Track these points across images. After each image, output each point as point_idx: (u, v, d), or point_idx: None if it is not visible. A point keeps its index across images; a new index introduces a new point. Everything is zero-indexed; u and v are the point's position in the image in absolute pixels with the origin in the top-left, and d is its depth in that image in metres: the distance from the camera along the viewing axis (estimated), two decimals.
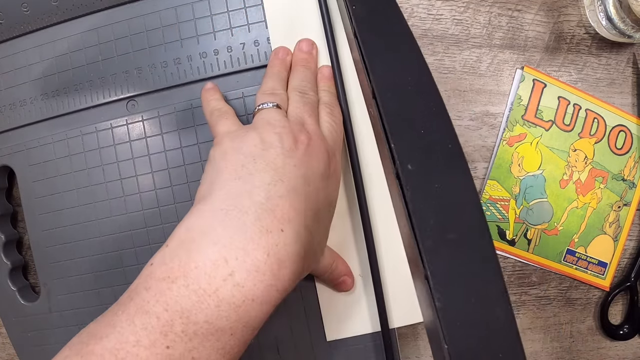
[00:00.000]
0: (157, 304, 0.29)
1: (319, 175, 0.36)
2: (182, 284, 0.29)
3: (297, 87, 0.41)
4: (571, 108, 0.47)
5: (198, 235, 0.31)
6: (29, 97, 0.46)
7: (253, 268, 0.30)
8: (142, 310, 0.28)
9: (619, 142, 0.48)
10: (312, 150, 0.36)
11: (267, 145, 0.34)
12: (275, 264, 0.31)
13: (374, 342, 0.45)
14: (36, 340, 0.47)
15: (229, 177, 0.33)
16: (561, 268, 0.48)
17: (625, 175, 0.48)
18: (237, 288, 0.30)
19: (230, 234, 0.31)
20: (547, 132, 0.47)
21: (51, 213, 0.46)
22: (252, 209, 0.32)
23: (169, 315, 0.28)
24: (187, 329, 0.28)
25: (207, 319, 0.29)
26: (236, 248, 0.30)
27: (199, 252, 0.30)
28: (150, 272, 0.30)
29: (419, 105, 0.28)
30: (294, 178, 0.34)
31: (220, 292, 0.29)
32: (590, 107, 0.47)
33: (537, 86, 0.47)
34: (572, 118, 0.47)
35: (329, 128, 0.39)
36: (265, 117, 0.37)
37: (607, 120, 0.48)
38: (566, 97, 0.47)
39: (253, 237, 0.31)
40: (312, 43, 0.43)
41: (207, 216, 0.32)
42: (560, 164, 0.47)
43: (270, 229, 0.32)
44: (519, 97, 0.47)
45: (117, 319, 0.29)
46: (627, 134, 0.48)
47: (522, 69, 0.47)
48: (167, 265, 0.30)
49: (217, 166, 0.34)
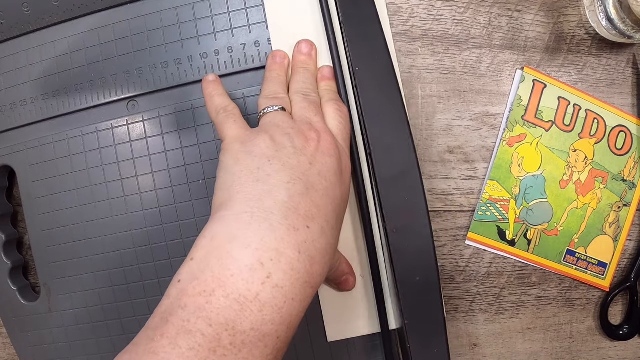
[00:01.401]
0: (198, 321, 0.27)
1: (332, 171, 0.35)
2: (222, 295, 0.28)
3: (299, 89, 0.41)
4: (571, 108, 0.47)
5: (226, 242, 0.30)
6: (30, 97, 0.46)
7: (288, 267, 0.30)
8: (185, 330, 0.27)
9: (619, 142, 0.48)
10: (324, 147, 0.36)
11: (279, 146, 0.34)
12: (307, 261, 0.31)
13: (373, 343, 0.45)
14: (36, 339, 0.47)
15: (246, 180, 0.33)
16: (561, 268, 0.48)
17: (625, 176, 0.48)
18: (277, 289, 0.29)
19: (260, 236, 0.30)
20: (547, 132, 0.47)
21: (51, 213, 0.46)
22: (276, 208, 0.31)
23: (214, 330, 0.27)
24: (234, 340, 0.27)
25: (253, 326, 0.28)
26: (269, 249, 0.30)
27: (232, 259, 0.29)
28: (182, 290, 0.29)
29: None
30: (311, 175, 0.34)
31: (262, 296, 0.29)
32: (591, 107, 0.47)
33: (537, 87, 0.47)
34: (572, 118, 0.47)
35: (337, 125, 0.39)
36: (272, 120, 0.37)
37: (607, 120, 0.48)
38: (566, 97, 0.47)
39: (283, 236, 0.31)
40: (311, 44, 0.43)
41: (232, 221, 0.31)
42: (560, 164, 0.47)
43: (297, 226, 0.31)
44: (519, 97, 0.47)
45: (156, 345, 0.27)
46: (627, 134, 0.48)
47: (522, 70, 0.47)
48: (200, 279, 0.29)
49: (232, 171, 0.34)
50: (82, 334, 0.46)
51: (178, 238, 0.45)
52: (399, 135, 0.39)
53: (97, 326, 0.46)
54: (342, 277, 0.42)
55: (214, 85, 0.41)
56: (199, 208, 0.45)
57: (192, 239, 0.44)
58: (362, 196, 0.43)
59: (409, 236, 0.38)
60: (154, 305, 0.44)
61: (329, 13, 0.43)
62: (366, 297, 0.44)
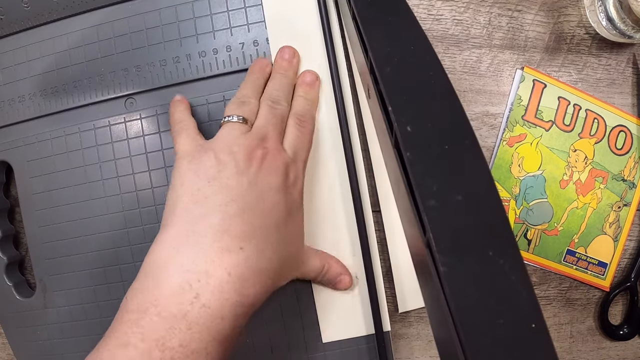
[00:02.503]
0: (133, 336, 0.30)
1: (274, 189, 0.36)
2: (154, 313, 0.31)
3: (270, 96, 0.41)
4: (571, 108, 0.47)
5: (163, 263, 0.33)
6: (28, 93, 0.46)
7: (217, 289, 0.32)
8: (122, 343, 0.30)
9: (619, 142, 0.48)
10: (267, 165, 0.37)
11: (222, 166, 0.35)
12: (238, 282, 0.33)
13: (368, 344, 0.44)
14: (30, 335, 0.47)
15: (187, 202, 0.35)
16: (561, 268, 0.48)
17: (625, 176, 0.48)
18: (204, 309, 0.31)
19: (192, 258, 0.32)
20: (547, 132, 0.47)
21: (48, 209, 0.46)
22: (209, 231, 0.33)
23: (146, 345, 0.30)
24: (164, 355, 0.30)
25: (181, 343, 0.30)
26: (198, 271, 0.32)
27: (166, 279, 0.32)
28: (124, 305, 0.32)
29: (419, 74, 0.27)
30: (249, 196, 0.35)
31: (190, 316, 0.31)
32: (591, 107, 0.47)
33: (537, 86, 0.47)
34: (572, 118, 0.47)
35: (293, 139, 0.40)
36: (226, 134, 0.38)
37: (607, 120, 0.47)
38: (566, 97, 0.47)
39: (214, 258, 0.32)
40: (293, 51, 0.43)
41: (170, 243, 0.34)
42: (560, 164, 0.47)
43: (229, 248, 0.33)
44: (519, 97, 0.46)
45: (100, 354, 0.30)
46: (627, 134, 0.48)
47: (522, 70, 0.47)
48: (138, 297, 0.32)
49: (177, 192, 0.36)
50: (77, 330, 0.46)
51: None
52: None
53: (92, 323, 0.46)
54: (336, 278, 0.42)
55: (178, 104, 0.43)
56: None
57: None
58: (357, 197, 0.43)
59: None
60: None
61: (327, 12, 0.43)
62: (361, 298, 0.44)
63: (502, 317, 0.19)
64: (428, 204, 0.21)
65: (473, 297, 0.20)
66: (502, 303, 0.19)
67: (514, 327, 0.19)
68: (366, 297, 0.43)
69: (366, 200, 0.43)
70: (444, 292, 0.20)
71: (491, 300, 0.19)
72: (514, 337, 0.19)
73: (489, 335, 0.19)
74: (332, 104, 0.43)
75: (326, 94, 0.44)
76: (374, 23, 0.30)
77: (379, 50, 0.28)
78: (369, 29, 0.30)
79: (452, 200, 0.22)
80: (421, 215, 0.22)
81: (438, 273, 0.20)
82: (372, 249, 0.43)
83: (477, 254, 0.20)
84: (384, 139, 0.29)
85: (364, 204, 0.43)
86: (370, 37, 0.29)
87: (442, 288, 0.20)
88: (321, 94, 0.44)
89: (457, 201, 0.22)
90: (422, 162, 0.23)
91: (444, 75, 0.26)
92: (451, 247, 0.21)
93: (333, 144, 0.44)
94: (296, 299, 0.44)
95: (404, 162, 0.23)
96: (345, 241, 0.44)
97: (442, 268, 0.20)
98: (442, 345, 0.22)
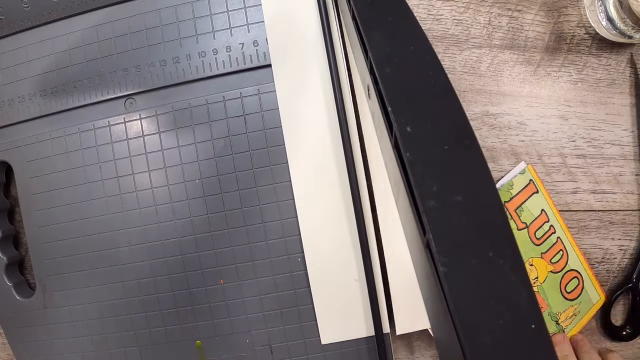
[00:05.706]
0: None
1: None
2: None
3: None
4: (547, 226, 0.47)
5: None
6: (28, 94, 0.46)
7: None
8: None
9: (570, 285, 0.47)
10: None
11: None
12: None
13: (368, 345, 0.44)
14: (30, 335, 0.47)
15: None
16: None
17: (560, 320, 0.47)
18: None
19: None
20: (517, 231, 0.46)
21: (48, 209, 0.46)
22: None
23: None
24: None
25: None
26: None
27: None
28: None
29: (418, 74, 0.27)
30: None
31: None
32: (563, 238, 0.47)
33: (529, 188, 0.47)
34: (543, 235, 0.47)
35: None
36: None
37: (570, 259, 0.47)
38: (548, 214, 0.47)
39: None
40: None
41: None
42: None
43: None
44: (511, 184, 0.46)
45: None
46: (580, 283, 0.47)
47: (526, 165, 0.47)
48: None
49: None
50: (76, 330, 0.46)
51: (174, 237, 0.44)
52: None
53: (91, 323, 0.46)
54: None
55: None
56: (195, 206, 0.44)
57: (188, 238, 0.44)
58: (357, 201, 0.43)
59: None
60: (149, 303, 0.44)
61: (327, 12, 0.43)
62: (361, 300, 0.44)
63: (502, 317, 0.19)
64: (428, 205, 0.21)
65: (473, 297, 0.20)
66: (502, 303, 0.19)
67: (513, 327, 0.19)
68: (366, 298, 0.43)
69: (366, 202, 0.43)
70: (444, 292, 0.20)
71: (491, 300, 0.19)
72: (514, 337, 0.19)
73: (489, 336, 0.19)
74: (332, 104, 0.43)
75: (326, 94, 0.44)
76: (374, 23, 0.30)
77: (378, 51, 0.28)
78: (368, 29, 0.30)
79: (452, 201, 0.22)
80: (421, 215, 0.22)
81: (438, 273, 0.20)
82: (372, 251, 0.43)
83: (477, 254, 0.20)
84: (383, 139, 0.29)
85: (363, 205, 0.43)
86: (370, 37, 0.29)
87: (442, 288, 0.20)
88: (321, 93, 0.44)
89: (457, 201, 0.22)
90: (422, 162, 0.23)
91: (444, 75, 0.26)
92: (451, 248, 0.21)
93: (333, 144, 0.43)
94: (295, 301, 0.44)
95: (403, 162, 0.23)
96: (347, 242, 0.44)
97: (442, 268, 0.20)
98: (442, 346, 0.23)
